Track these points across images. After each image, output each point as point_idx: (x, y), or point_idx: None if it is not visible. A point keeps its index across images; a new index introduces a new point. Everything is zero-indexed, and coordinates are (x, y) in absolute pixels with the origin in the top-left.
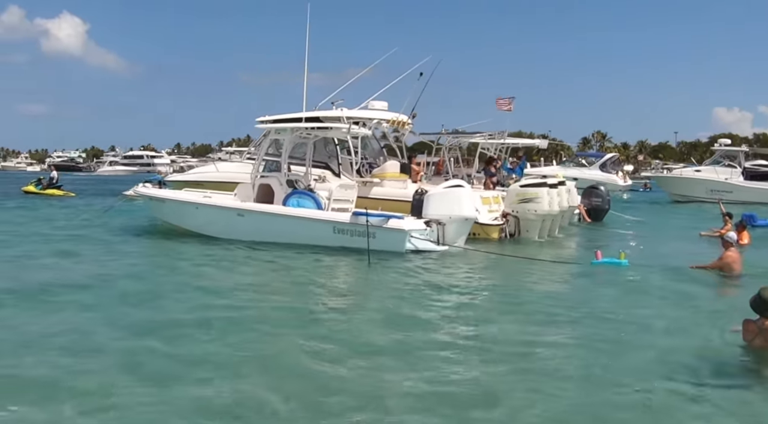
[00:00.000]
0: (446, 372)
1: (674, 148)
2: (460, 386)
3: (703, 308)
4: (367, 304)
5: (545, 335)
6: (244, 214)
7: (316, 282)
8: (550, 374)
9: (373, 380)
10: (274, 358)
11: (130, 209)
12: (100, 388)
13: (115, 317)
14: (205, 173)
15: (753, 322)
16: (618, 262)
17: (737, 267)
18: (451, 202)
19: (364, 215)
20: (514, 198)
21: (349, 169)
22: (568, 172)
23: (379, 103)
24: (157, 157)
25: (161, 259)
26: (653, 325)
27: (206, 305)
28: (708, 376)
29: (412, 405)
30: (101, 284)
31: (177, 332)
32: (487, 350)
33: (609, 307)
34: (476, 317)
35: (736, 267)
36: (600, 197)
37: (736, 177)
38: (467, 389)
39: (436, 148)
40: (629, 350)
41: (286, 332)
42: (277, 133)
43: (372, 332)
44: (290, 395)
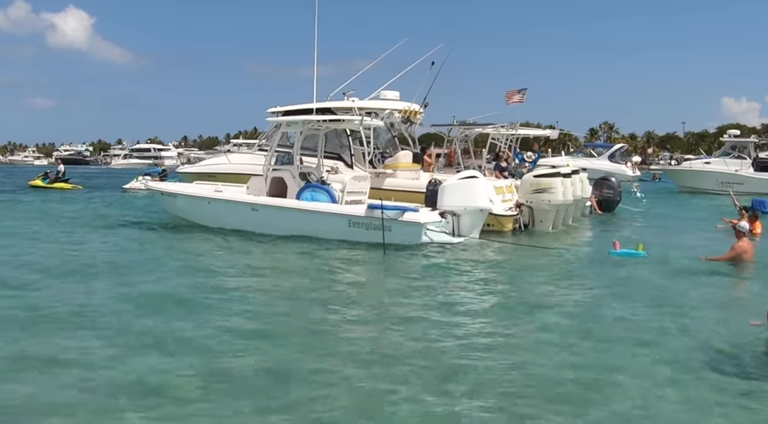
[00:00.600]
0: (464, 364)
1: (682, 139)
2: (479, 378)
3: (724, 300)
4: (384, 298)
5: (562, 327)
6: (258, 208)
7: (331, 276)
8: (574, 364)
9: (391, 375)
10: (288, 354)
11: (131, 202)
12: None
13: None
14: (217, 165)
15: None
16: (636, 253)
17: (749, 257)
18: (466, 193)
19: (380, 208)
20: (528, 188)
21: (362, 160)
22: (577, 163)
23: (391, 93)
24: (164, 150)
25: (173, 253)
26: (675, 318)
27: (218, 299)
28: (729, 370)
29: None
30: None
31: (190, 326)
32: (507, 343)
33: (630, 298)
34: (493, 311)
35: (748, 257)
36: (611, 189)
37: (746, 168)
38: (488, 379)
39: (447, 140)
40: (650, 343)
41: (302, 326)
42: (288, 126)
43: (389, 327)
44: (299, 393)
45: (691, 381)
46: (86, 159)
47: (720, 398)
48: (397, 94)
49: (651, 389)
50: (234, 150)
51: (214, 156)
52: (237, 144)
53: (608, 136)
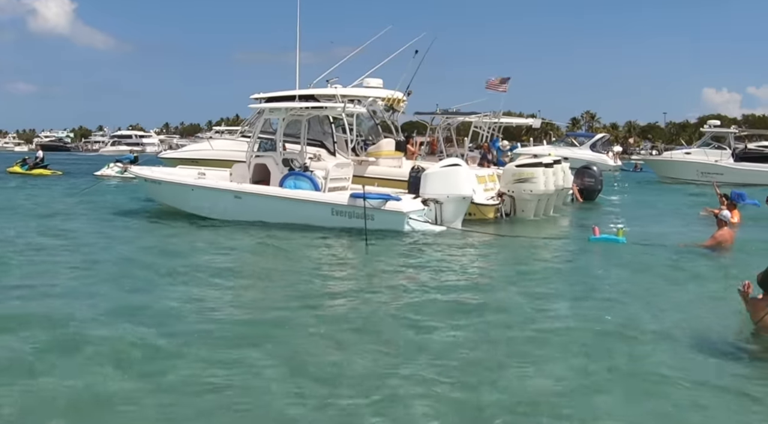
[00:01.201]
0: (446, 352)
1: (663, 129)
2: (460, 366)
3: (703, 285)
4: (365, 285)
5: (547, 314)
6: (241, 196)
7: (314, 264)
8: (552, 353)
9: (371, 362)
10: (269, 341)
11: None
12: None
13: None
14: (199, 151)
15: (761, 300)
16: (615, 239)
17: (728, 245)
18: (448, 180)
19: (362, 196)
20: (510, 178)
21: (345, 147)
22: (559, 152)
23: (374, 81)
24: (145, 137)
25: (155, 241)
26: (654, 302)
27: (201, 285)
28: (710, 354)
29: (414, 388)
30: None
31: (169, 312)
32: (489, 331)
33: (609, 284)
34: (477, 298)
35: (727, 245)
36: (593, 178)
37: (726, 159)
38: (468, 368)
39: (430, 128)
40: (630, 327)
41: (284, 313)
42: (271, 113)
43: (370, 313)
44: (282, 375)
45: (671, 365)
46: (67, 146)
47: (700, 379)
48: (380, 82)
49: (631, 373)
50: (216, 137)
51: (196, 143)
52: (219, 131)
53: (590, 125)
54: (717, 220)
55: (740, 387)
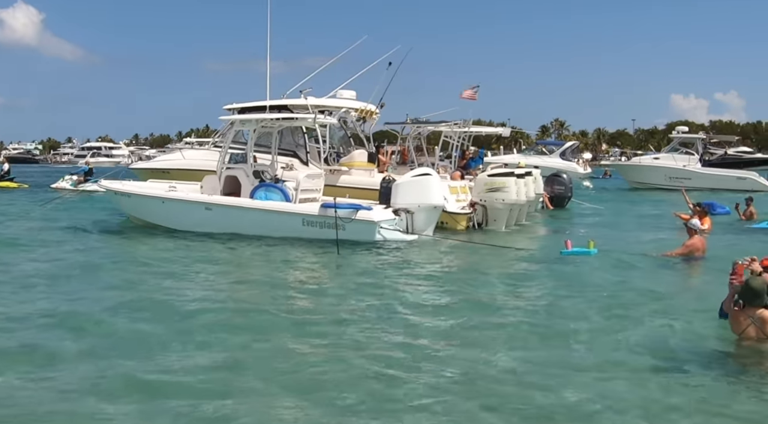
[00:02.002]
0: (414, 362)
1: (632, 136)
2: (428, 376)
3: (675, 294)
4: (337, 295)
5: (517, 325)
6: (212, 207)
7: (285, 275)
8: (523, 364)
9: (345, 373)
10: (240, 353)
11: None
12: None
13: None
14: (171, 161)
15: (743, 312)
16: (587, 251)
17: (700, 254)
18: (419, 190)
19: (333, 206)
20: (482, 187)
21: (317, 157)
22: (530, 160)
23: (348, 93)
24: (115, 148)
25: (123, 253)
26: (630, 313)
27: (172, 300)
28: (688, 365)
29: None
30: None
31: (138, 324)
32: (458, 340)
33: (582, 296)
34: (447, 308)
35: (699, 254)
36: (563, 185)
37: (694, 164)
38: (438, 379)
39: (400, 138)
40: (605, 340)
41: (254, 325)
42: (242, 124)
43: (342, 323)
44: (252, 388)
45: (644, 374)
46: (35, 158)
47: (672, 387)
48: (353, 94)
49: (604, 384)
50: (186, 148)
51: (166, 153)
52: (189, 142)
53: (559, 133)
54: (687, 228)
55: (720, 396)
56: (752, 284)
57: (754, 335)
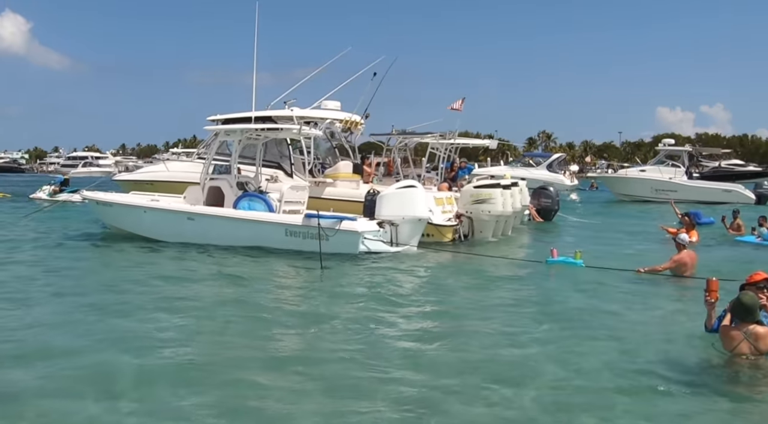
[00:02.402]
0: (399, 376)
1: (618, 148)
2: (413, 389)
3: (664, 310)
4: (319, 308)
5: (502, 336)
6: (194, 217)
7: (267, 287)
8: (508, 377)
9: (324, 388)
10: (221, 366)
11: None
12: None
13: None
14: (154, 173)
15: (735, 328)
16: (573, 261)
17: (690, 268)
18: (404, 202)
19: (316, 217)
20: (468, 199)
21: (302, 169)
22: (516, 172)
23: (332, 103)
24: (101, 158)
25: (106, 265)
26: (614, 326)
27: (151, 310)
28: (674, 381)
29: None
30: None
31: (120, 335)
32: (442, 352)
33: (567, 307)
34: (432, 320)
35: (689, 268)
36: (549, 198)
37: (680, 176)
38: (423, 393)
39: (386, 149)
40: (589, 354)
41: (236, 338)
42: (226, 135)
43: (324, 337)
44: (232, 406)
45: (631, 392)
46: (21, 167)
47: (658, 405)
48: (338, 105)
49: (589, 400)
50: (173, 158)
51: (152, 164)
52: (176, 153)
53: (546, 145)
54: (675, 243)
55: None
56: (744, 300)
57: (747, 351)
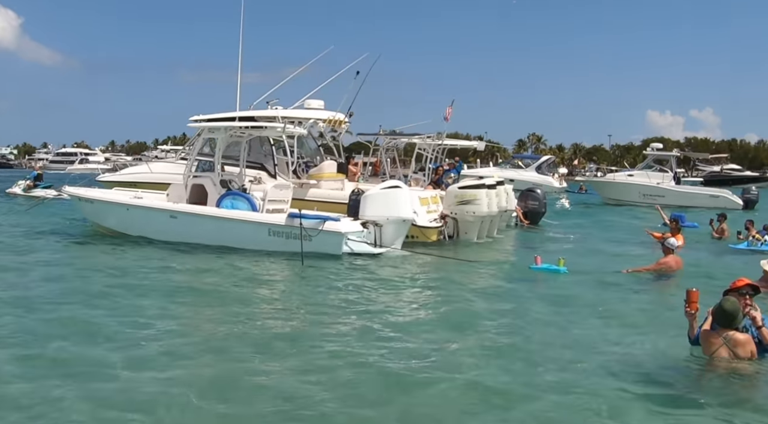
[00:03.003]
0: (377, 377)
1: (608, 151)
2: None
3: (647, 315)
4: (299, 309)
5: (481, 341)
6: (176, 215)
7: (245, 289)
8: (489, 384)
9: (304, 387)
10: (201, 369)
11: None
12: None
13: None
14: (137, 174)
15: (715, 333)
16: (557, 269)
17: (674, 271)
18: (388, 203)
19: (299, 217)
20: (452, 200)
21: (285, 169)
22: (505, 174)
23: (315, 102)
24: (90, 155)
25: (84, 262)
26: (596, 333)
27: (130, 312)
28: (656, 386)
29: None
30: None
31: (100, 339)
32: (422, 357)
33: (548, 314)
34: (411, 324)
35: (673, 272)
36: (537, 200)
37: (667, 181)
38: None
39: (373, 149)
40: (571, 360)
41: (214, 340)
42: (210, 132)
43: (303, 339)
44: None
45: (608, 396)
46: (9, 162)
47: (639, 409)
48: (321, 104)
49: (569, 405)
50: (162, 156)
51: (137, 164)
52: (165, 150)
53: (536, 147)
54: (663, 247)
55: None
56: (725, 307)
57: (726, 355)
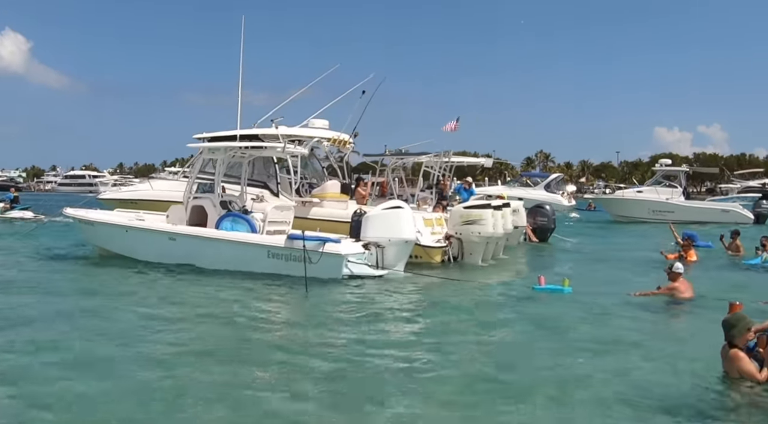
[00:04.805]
0: (380, 406)
1: (616, 168)
2: None
3: (652, 337)
4: (303, 338)
5: (485, 367)
6: (175, 237)
7: (244, 314)
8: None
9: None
10: (202, 397)
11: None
12: None
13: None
14: (138, 191)
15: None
16: (560, 289)
17: (685, 294)
18: (390, 223)
19: (300, 238)
20: (457, 220)
21: (288, 189)
22: (513, 192)
23: (320, 122)
24: (99, 177)
25: (83, 286)
26: (604, 357)
27: (127, 338)
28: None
29: None
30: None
31: (96, 364)
32: (428, 382)
33: (553, 338)
34: (415, 349)
35: (683, 295)
36: (545, 217)
37: (677, 197)
38: None
39: (380, 169)
40: (577, 387)
41: (216, 368)
42: (210, 152)
43: (306, 370)
44: None
45: None
46: (18, 186)
47: None
48: (326, 123)
49: None
50: (170, 178)
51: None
52: (173, 172)
53: (544, 165)
54: (668, 273)
55: None
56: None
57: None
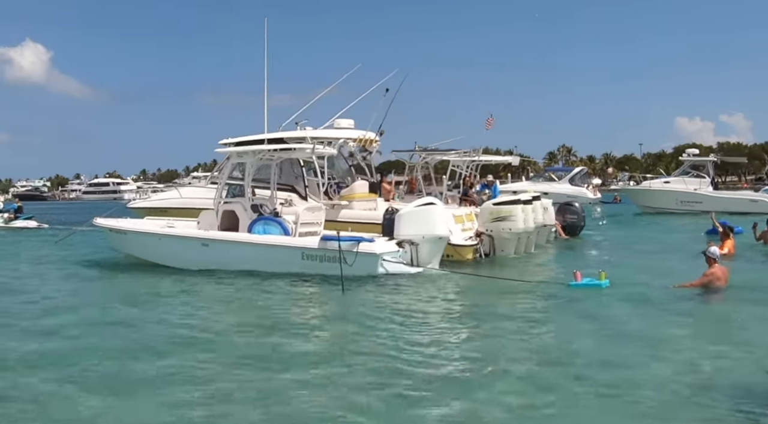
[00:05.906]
0: (427, 405)
1: (639, 160)
2: None
3: (696, 330)
4: (345, 337)
5: (526, 365)
6: (208, 243)
7: (288, 315)
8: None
9: None
10: (249, 398)
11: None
12: None
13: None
14: (168, 200)
15: None
16: (598, 283)
17: (722, 283)
18: (423, 220)
19: (335, 239)
20: (487, 217)
21: (316, 191)
22: (538, 187)
23: (345, 121)
24: (123, 184)
25: (122, 294)
26: (649, 353)
27: (170, 341)
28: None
29: None
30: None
31: (143, 367)
32: (472, 381)
33: (593, 334)
34: (459, 349)
35: (721, 283)
36: (575, 214)
37: (705, 187)
38: None
39: (408, 166)
40: (616, 381)
41: (257, 375)
42: (239, 157)
43: (353, 371)
44: None
45: None
46: (43, 194)
47: None
48: (351, 123)
49: None
50: (194, 183)
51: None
52: (196, 176)
53: (567, 159)
54: (706, 257)
55: None
56: None
57: None
